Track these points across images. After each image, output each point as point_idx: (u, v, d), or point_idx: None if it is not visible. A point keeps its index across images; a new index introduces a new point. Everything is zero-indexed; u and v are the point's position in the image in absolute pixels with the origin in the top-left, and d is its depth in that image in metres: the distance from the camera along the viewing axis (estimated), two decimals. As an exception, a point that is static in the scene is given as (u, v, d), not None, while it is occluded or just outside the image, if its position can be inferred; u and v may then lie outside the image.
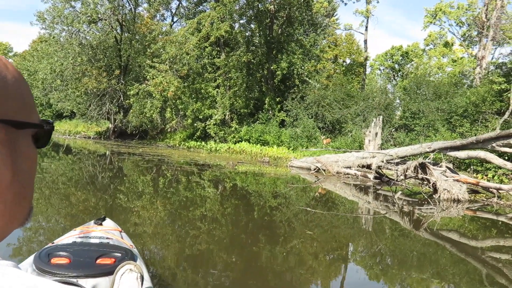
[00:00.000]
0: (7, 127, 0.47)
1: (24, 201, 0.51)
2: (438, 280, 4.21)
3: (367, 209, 8.22)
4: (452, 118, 16.21)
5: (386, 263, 4.67)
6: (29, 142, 0.51)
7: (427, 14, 37.48)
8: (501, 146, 8.54)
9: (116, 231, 2.80)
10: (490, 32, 24.53)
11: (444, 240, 5.89)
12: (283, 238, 5.36)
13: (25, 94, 0.51)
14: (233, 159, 16.82)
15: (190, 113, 22.86)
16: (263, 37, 22.16)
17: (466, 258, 5.07)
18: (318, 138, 19.71)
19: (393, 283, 4.10)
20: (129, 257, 2.12)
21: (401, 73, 43.89)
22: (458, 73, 33.26)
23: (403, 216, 7.58)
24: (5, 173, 0.47)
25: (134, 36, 25.78)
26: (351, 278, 4.27)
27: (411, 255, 5.11)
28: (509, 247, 6.03)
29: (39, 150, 0.55)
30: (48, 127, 0.53)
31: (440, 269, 4.54)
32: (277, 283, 3.86)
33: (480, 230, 6.96)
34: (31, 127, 0.51)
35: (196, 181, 9.99)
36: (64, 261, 2.00)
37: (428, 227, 6.59)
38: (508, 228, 7.30)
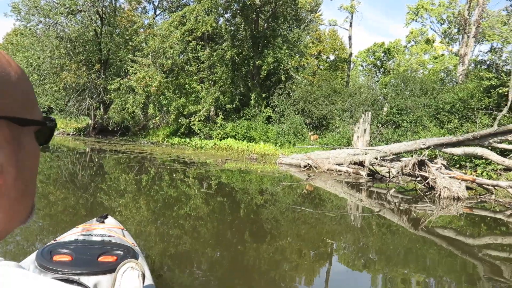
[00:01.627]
0: (12, 124, 0.47)
1: (27, 198, 0.51)
2: (438, 278, 3.99)
3: (361, 207, 8.00)
4: (439, 114, 16.23)
5: (385, 263, 4.44)
6: (32, 139, 0.51)
7: (409, 11, 37.75)
8: (498, 142, 8.46)
9: (118, 229, 2.78)
10: (472, 29, 24.79)
11: (443, 238, 5.72)
12: (288, 238, 5.07)
13: (28, 90, 0.51)
14: (219, 156, 16.42)
15: (173, 109, 22.30)
16: (249, 32, 21.75)
17: (468, 258, 4.87)
18: (305, 134, 19.51)
19: (394, 282, 3.85)
20: (131, 255, 2.10)
21: (383, 69, 44.25)
22: (440, 70, 33.62)
23: (399, 214, 7.38)
24: (10, 170, 0.47)
25: (115, 29, 24.97)
26: (347, 277, 4.02)
27: (409, 254, 4.88)
28: (506, 244, 5.89)
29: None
30: (51, 124, 0.53)
31: (437, 266, 4.35)
32: (275, 280, 3.56)
33: (479, 228, 6.82)
34: (35, 124, 0.51)
35: (186, 180, 9.59)
36: (66, 259, 1.99)
37: (427, 226, 6.41)
38: (505, 225, 7.19)
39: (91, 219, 3.00)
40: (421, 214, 7.38)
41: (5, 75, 0.47)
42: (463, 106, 15.15)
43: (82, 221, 3.11)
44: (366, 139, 15.50)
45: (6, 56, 0.51)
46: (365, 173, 11.20)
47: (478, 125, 14.16)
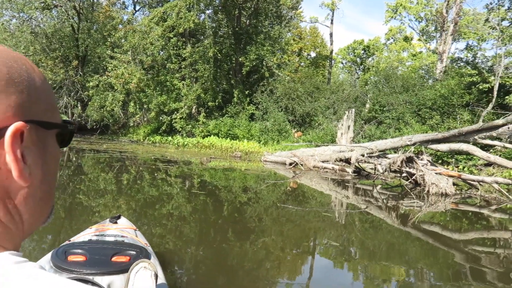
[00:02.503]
0: (38, 127, 0.49)
1: (50, 199, 0.54)
2: (425, 273, 3.96)
3: (348, 204, 7.96)
4: (421, 111, 16.43)
5: (371, 259, 4.39)
6: (54, 142, 0.53)
7: (388, 9, 38.20)
8: (483, 138, 8.57)
9: (131, 229, 2.81)
10: (450, 27, 25.23)
11: (430, 234, 5.71)
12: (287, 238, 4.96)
13: (50, 94, 0.53)
14: (203, 154, 16.19)
15: (154, 106, 21.90)
16: (231, 28, 21.52)
17: (455, 253, 4.87)
18: (289, 131, 19.47)
19: (380, 277, 3.80)
20: (144, 255, 2.13)
21: (363, 66, 44.73)
22: (418, 67, 34.18)
23: (387, 210, 7.38)
24: (37, 173, 0.49)
25: (93, 25, 24.33)
26: (333, 273, 3.95)
27: (397, 250, 4.85)
28: (491, 238, 5.93)
29: None
30: (71, 127, 0.56)
31: (424, 261, 4.33)
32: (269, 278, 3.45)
33: (465, 223, 6.87)
34: (59, 127, 0.53)
35: (171, 180, 9.35)
36: (80, 259, 2.02)
37: (415, 222, 6.41)
38: (490, 220, 7.27)
39: (105, 219, 3.04)
40: (408, 211, 7.40)
41: (31, 80, 0.49)
42: (444, 103, 15.38)
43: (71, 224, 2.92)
44: (350, 136, 15.57)
45: (29, 61, 0.51)
46: (351, 170, 11.21)
47: (459, 121, 14.39)
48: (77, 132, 24.36)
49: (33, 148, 0.48)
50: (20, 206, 0.49)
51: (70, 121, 0.56)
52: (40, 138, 0.49)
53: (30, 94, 0.48)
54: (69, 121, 0.56)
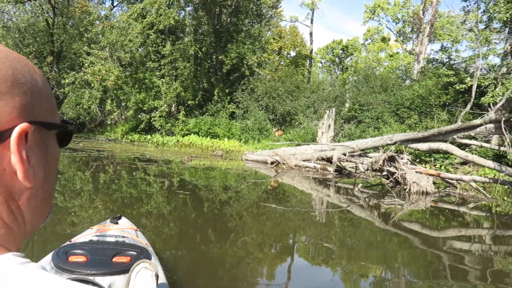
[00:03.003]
0: (41, 128, 0.49)
1: (50, 199, 0.54)
2: (408, 270, 4.00)
3: (329, 203, 7.99)
4: (399, 110, 16.71)
5: (353, 257, 4.40)
6: (55, 142, 0.54)
7: (367, 10, 38.72)
8: (461, 138, 8.76)
9: (132, 229, 2.80)
10: (426, 29, 25.76)
11: (410, 231, 5.78)
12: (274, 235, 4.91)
13: (50, 95, 0.53)
14: (183, 153, 15.98)
15: (132, 104, 21.51)
16: (211, 26, 21.31)
17: (433, 250, 4.94)
18: (269, 130, 19.47)
19: (359, 274, 3.82)
20: (145, 255, 2.12)
21: (342, 66, 45.23)
22: (395, 67, 34.78)
23: (368, 209, 7.44)
24: (40, 173, 0.49)
25: (69, 20, 23.65)
26: (313, 271, 3.95)
27: (377, 247, 4.89)
28: (469, 236, 6.06)
29: None
30: (71, 128, 0.56)
31: (405, 259, 4.38)
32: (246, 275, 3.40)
33: (443, 220, 7.00)
34: (60, 128, 0.53)
35: (154, 180, 9.16)
36: (81, 259, 2.01)
37: (396, 220, 6.48)
38: (468, 217, 7.43)
39: (106, 219, 3.04)
40: (389, 209, 7.48)
41: (33, 81, 0.49)
42: (422, 103, 15.68)
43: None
44: (330, 135, 15.68)
45: (30, 62, 0.51)
46: (333, 169, 11.27)
47: (437, 120, 14.71)
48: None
49: (36, 148, 0.49)
50: (23, 207, 0.49)
51: (70, 121, 0.56)
52: (42, 139, 0.50)
53: (33, 95, 0.48)
54: (69, 121, 0.56)
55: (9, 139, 0.45)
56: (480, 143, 8.90)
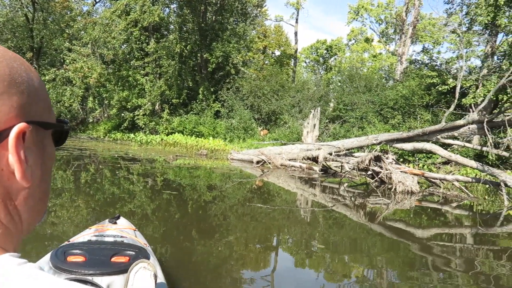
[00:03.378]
0: (38, 128, 0.49)
1: (47, 199, 0.54)
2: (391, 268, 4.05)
3: (315, 202, 8.02)
4: (383, 110, 16.90)
5: (337, 256, 4.43)
6: (51, 141, 0.54)
7: (351, 11, 39.06)
8: (445, 138, 8.91)
9: (130, 229, 2.79)
10: (409, 30, 26.12)
11: (395, 231, 5.84)
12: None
13: (46, 94, 0.53)
14: (167, 152, 15.80)
15: (116, 102, 21.16)
16: (196, 24, 21.11)
17: (417, 248, 5.01)
18: (255, 129, 19.43)
19: (344, 273, 3.84)
20: (143, 255, 2.12)
21: (326, 66, 45.53)
22: (378, 68, 35.20)
23: (353, 208, 7.48)
24: (37, 173, 0.50)
25: (49, 15, 23.08)
26: (300, 272, 3.95)
27: (362, 246, 4.92)
28: (452, 234, 6.15)
29: None
30: (67, 127, 0.56)
31: (390, 257, 4.43)
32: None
33: (427, 219, 7.09)
34: (56, 127, 0.53)
35: (140, 179, 9.01)
36: (79, 259, 2.00)
37: (381, 219, 6.55)
38: (451, 217, 7.55)
39: (104, 220, 3.02)
40: (375, 208, 7.55)
41: (30, 80, 0.49)
42: (405, 103, 15.90)
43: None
44: (315, 134, 15.75)
45: (26, 62, 0.51)
46: (318, 169, 11.31)
47: (420, 121, 14.94)
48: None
49: (34, 148, 0.49)
50: (20, 207, 0.49)
51: (65, 120, 0.56)
52: (39, 138, 0.50)
53: (30, 94, 0.48)
54: (64, 120, 0.56)
55: (6, 139, 0.45)
56: (463, 143, 9.07)
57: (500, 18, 12.08)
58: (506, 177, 7.54)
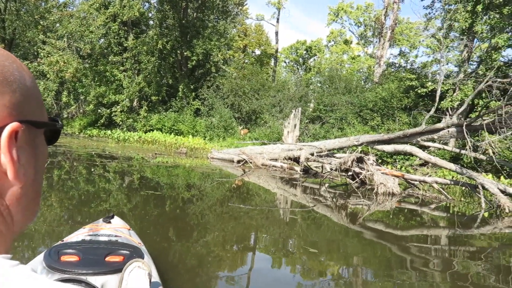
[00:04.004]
0: (30, 127, 0.49)
1: (39, 198, 0.54)
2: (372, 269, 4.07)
3: (296, 202, 8.00)
4: (362, 112, 17.09)
5: (319, 255, 4.43)
6: (43, 140, 0.53)
7: (331, 12, 39.41)
8: (425, 140, 9.06)
9: (125, 229, 2.78)
10: (387, 33, 26.53)
11: (376, 232, 5.88)
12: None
13: (38, 92, 0.52)
14: (146, 150, 15.50)
15: (92, 98, 20.62)
16: (177, 20, 20.78)
17: (397, 250, 5.05)
18: (235, 128, 19.30)
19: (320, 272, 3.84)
20: (138, 254, 2.11)
21: (305, 66, 45.82)
22: (357, 70, 35.64)
23: (334, 209, 7.51)
24: (30, 172, 0.49)
25: (22, 6, 22.24)
26: (278, 272, 3.92)
27: (341, 246, 4.93)
28: (431, 235, 6.25)
29: None
30: (59, 126, 0.55)
31: (367, 256, 4.45)
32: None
33: (406, 220, 7.18)
34: (49, 126, 0.53)
35: (129, 180, 8.76)
36: (73, 259, 1.99)
37: (361, 220, 6.58)
38: (430, 218, 7.68)
39: (98, 219, 3.00)
40: (355, 209, 7.60)
41: (22, 79, 0.48)
42: (384, 105, 16.13)
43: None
44: (296, 134, 15.77)
45: (18, 60, 0.50)
46: (300, 169, 11.31)
47: (398, 123, 15.19)
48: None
49: (26, 147, 0.48)
50: (12, 207, 0.48)
51: (57, 118, 0.55)
52: (31, 137, 0.49)
53: (22, 93, 0.47)
54: (56, 118, 0.55)
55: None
56: (442, 146, 9.25)
57: (477, 24, 12.41)
58: (484, 180, 7.72)
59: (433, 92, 13.94)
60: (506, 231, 6.93)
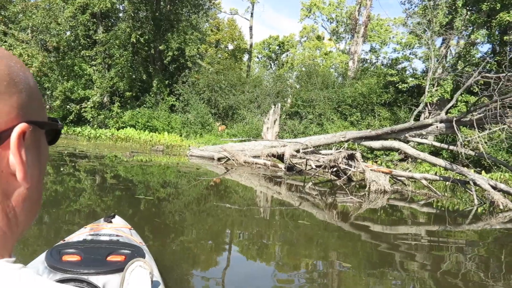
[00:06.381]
0: (36, 127, 0.48)
1: (41, 199, 0.53)
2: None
3: (281, 201, 7.73)
4: (341, 107, 17.03)
5: (301, 253, 4.21)
6: (45, 141, 0.53)
7: (303, 8, 39.39)
8: (413, 136, 8.99)
9: (126, 228, 2.77)
10: (361, 29, 26.70)
11: (364, 229, 5.73)
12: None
13: (39, 93, 0.52)
14: (120, 147, 14.80)
15: (59, 93, 19.49)
16: (150, 13, 19.96)
17: (386, 247, 4.91)
18: (212, 124, 18.83)
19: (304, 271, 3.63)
20: (139, 254, 2.10)
21: (277, 62, 45.74)
22: (329, 66, 35.78)
23: (320, 207, 7.30)
24: (35, 173, 0.49)
25: (-20, -5, 20.71)
26: (259, 272, 3.70)
27: (326, 244, 4.73)
28: (420, 232, 6.14)
29: None
30: (60, 126, 0.55)
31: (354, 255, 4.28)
32: None
33: (398, 217, 7.08)
34: (53, 126, 0.53)
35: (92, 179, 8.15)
36: (75, 259, 1.99)
37: (352, 218, 6.42)
38: (420, 214, 7.61)
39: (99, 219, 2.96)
40: (344, 207, 7.44)
41: (26, 79, 0.48)
42: (363, 101, 16.11)
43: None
44: (276, 131, 15.50)
45: (20, 60, 0.49)
46: (284, 166, 11.03)
47: (378, 118, 15.20)
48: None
49: (31, 148, 0.48)
50: (18, 209, 0.47)
51: (57, 119, 0.54)
52: (36, 138, 0.49)
53: (27, 93, 0.47)
54: (56, 119, 0.54)
55: (7, 139, 0.44)
56: (431, 142, 9.22)
57: (456, 20, 12.52)
58: (475, 176, 7.71)
59: (413, 88, 14.02)
60: (497, 227, 6.93)
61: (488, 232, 6.52)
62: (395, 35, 33.27)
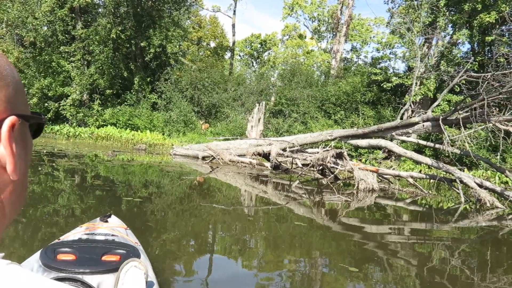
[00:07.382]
0: (23, 120, 0.49)
1: (26, 191, 0.54)
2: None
3: (268, 200, 7.63)
4: (325, 106, 17.04)
5: (288, 253, 4.16)
6: (29, 133, 0.53)
7: (286, 6, 39.39)
8: (400, 135, 9.02)
9: (122, 228, 2.76)
10: (343, 29, 26.86)
11: (352, 227, 5.71)
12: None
13: (23, 87, 0.53)
14: (101, 146, 14.40)
15: (36, 90, 18.85)
16: (132, 9, 19.51)
17: (373, 245, 4.89)
18: (195, 123, 18.56)
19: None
20: (134, 254, 2.10)
21: (259, 60, 45.64)
22: (311, 64, 35.88)
23: (307, 205, 7.24)
24: (22, 166, 0.49)
25: (-48, -13, 19.83)
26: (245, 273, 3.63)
27: (311, 243, 4.68)
28: (407, 229, 6.15)
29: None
30: (44, 119, 0.56)
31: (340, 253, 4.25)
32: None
33: (384, 216, 7.08)
34: (38, 120, 0.53)
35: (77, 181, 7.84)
36: (70, 258, 1.97)
37: (341, 217, 6.37)
38: (406, 212, 7.63)
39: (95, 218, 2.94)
40: (331, 205, 7.40)
41: (12, 73, 0.49)
42: (347, 99, 16.15)
43: None
44: (260, 129, 15.38)
45: (4, 55, 0.50)
46: (270, 165, 10.92)
47: (362, 117, 15.27)
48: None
49: (19, 141, 0.48)
50: (5, 201, 0.47)
51: (41, 113, 0.55)
52: (23, 131, 0.50)
53: (14, 87, 0.48)
54: (40, 113, 0.55)
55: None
56: (417, 140, 9.27)
57: (439, 19, 12.66)
58: (461, 174, 7.78)
59: (396, 87, 14.12)
60: (483, 225, 7.00)
61: (475, 229, 6.57)
62: (376, 34, 33.52)
